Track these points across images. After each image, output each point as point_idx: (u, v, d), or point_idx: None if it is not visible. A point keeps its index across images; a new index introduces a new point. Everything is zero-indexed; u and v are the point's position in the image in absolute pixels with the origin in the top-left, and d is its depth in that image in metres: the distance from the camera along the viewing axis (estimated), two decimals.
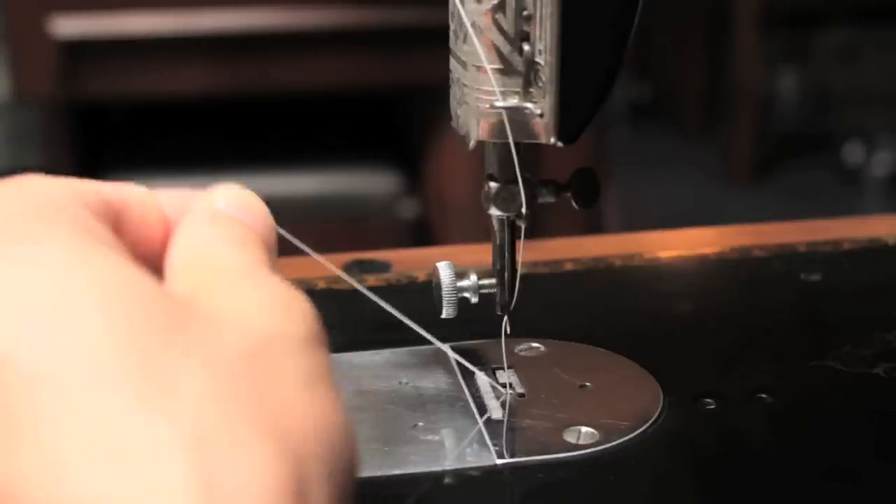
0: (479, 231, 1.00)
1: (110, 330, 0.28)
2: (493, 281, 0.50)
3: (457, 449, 0.48)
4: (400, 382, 0.52)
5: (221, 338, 0.29)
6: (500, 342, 0.51)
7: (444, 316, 0.51)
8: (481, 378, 0.52)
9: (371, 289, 0.56)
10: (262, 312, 0.31)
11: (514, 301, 0.50)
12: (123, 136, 1.71)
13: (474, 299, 0.51)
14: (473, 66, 0.45)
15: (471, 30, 0.44)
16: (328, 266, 0.44)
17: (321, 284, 0.61)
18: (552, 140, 0.45)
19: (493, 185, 0.48)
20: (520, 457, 0.47)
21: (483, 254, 0.53)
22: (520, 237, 0.50)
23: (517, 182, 0.47)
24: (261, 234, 0.36)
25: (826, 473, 0.47)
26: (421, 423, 0.49)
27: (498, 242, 0.50)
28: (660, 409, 0.50)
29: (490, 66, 0.44)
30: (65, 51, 1.51)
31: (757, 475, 0.47)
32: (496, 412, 0.50)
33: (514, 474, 0.47)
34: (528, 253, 0.52)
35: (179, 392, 0.27)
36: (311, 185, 1.65)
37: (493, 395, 0.51)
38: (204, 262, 0.33)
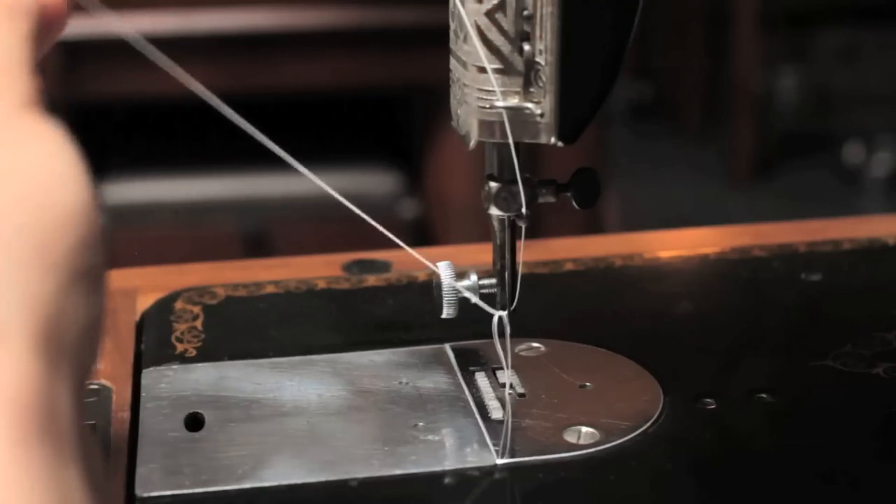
0: (479, 231, 1.00)
1: None
2: (493, 281, 0.50)
3: (457, 449, 0.48)
4: (400, 382, 0.52)
5: None
6: (500, 342, 0.51)
7: (444, 316, 0.51)
8: (482, 378, 0.52)
9: (371, 289, 0.56)
10: None
11: (514, 301, 0.50)
12: (123, 136, 1.71)
13: (474, 299, 0.51)
14: (473, 66, 0.45)
15: (471, 30, 0.44)
16: (427, 263, 0.44)
17: (321, 284, 0.61)
18: (552, 140, 0.45)
19: (493, 185, 0.48)
20: (520, 457, 0.47)
21: (483, 254, 0.53)
22: (520, 237, 0.50)
23: (517, 182, 0.47)
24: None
25: (825, 473, 0.47)
26: (421, 423, 0.49)
27: (498, 242, 0.50)
28: (660, 409, 0.50)
29: (490, 66, 0.44)
30: (65, 51, 1.51)
31: (757, 475, 0.47)
32: (496, 412, 0.50)
33: (514, 474, 0.47)
34: (528, 253, 0.52)
35: None
36: (311, 185, 1.65)
37: (493, 395, 0.51)
38: None
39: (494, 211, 0.48)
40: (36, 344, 0.27)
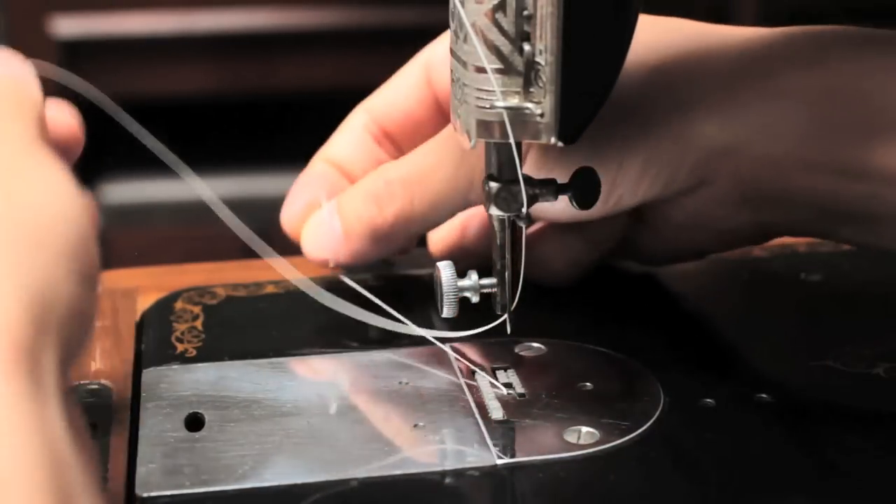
0: None
1: None
2: (494, 281, 0.50)
3: (457, 449, 0.48)
4: (400, 382, 0.52)
5: None
6: (500, 342, 0.51)
7: (444, 316, 0.51)
8: (482, 378, 0.52)
9: (371, 289, 0.56)
10: None
11: (514, 301, 0.50)
12: (123, 136, 1.71)
13: (475, 299, 0.51)
14: (473, 66, 0.45)
15: (471, 30, 0.44)
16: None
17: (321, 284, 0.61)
18: (552, 140, 0.45)
19: (493, 185, 0.48)
20: (520, 457, 0.47)
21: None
22: (520, 237, 0.50)
23: (517, 182, 0.47)
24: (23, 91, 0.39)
25: (825, 474, 0.47)
26: (421, 423, 0.49)
27: (498, 242, 0.50)
28: (660, 409, 0.50)
29: (490, 66, 0.44)
30: (65, 51, 1.51)
31: (757, 475, 0.47)
32: (496, 412, 0.50)
33: (514, 474, 0.47)
34: None
35: None
36: None
37: (493, 395, 0.51)
38: None
39: (494, 211, 0.48)
40: (25, 305, 0.29)
